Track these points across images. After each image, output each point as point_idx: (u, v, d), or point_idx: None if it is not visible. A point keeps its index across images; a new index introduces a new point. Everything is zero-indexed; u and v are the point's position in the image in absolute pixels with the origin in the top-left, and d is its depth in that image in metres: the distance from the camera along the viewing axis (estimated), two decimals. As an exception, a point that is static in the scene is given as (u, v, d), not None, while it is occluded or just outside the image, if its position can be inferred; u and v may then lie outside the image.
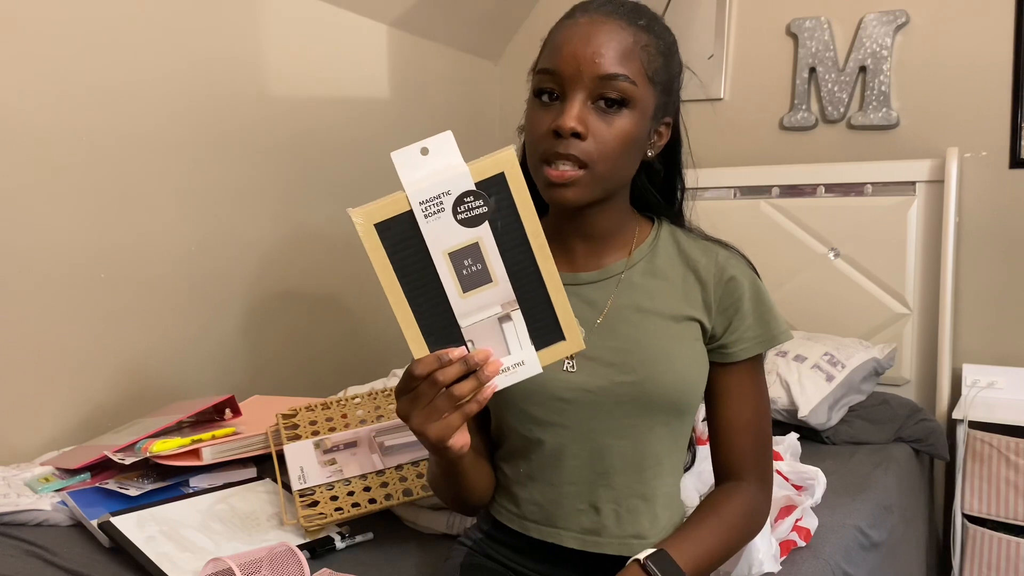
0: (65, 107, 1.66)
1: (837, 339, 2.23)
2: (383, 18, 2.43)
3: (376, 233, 0.74)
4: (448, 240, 0.75)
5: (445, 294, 0.77)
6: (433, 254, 0.75)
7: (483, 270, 0.77)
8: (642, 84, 0.90)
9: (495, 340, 0.79)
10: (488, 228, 0.76)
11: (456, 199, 0.75)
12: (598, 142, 0.89)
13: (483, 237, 0.76)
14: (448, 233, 0.75)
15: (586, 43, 0.89)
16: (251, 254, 2.08)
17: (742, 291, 0.98)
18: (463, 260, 0.76)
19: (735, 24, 2.64)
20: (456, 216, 0.75)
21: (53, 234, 1.65)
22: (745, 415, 0.99)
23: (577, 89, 0.89)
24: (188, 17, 1.88)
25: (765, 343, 0.98)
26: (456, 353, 0.77)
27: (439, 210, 0.74)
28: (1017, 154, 2.26)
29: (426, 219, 0.74)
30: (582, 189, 0.90)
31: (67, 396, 1.70)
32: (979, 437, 2.05)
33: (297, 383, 2.19)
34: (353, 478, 1.40)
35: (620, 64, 0.89)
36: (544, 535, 1.00)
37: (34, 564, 1.22)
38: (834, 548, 1.39)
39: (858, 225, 2.37)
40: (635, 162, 0.96)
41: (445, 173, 0.74)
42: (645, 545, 0.97)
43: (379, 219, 0.74)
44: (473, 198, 0.75)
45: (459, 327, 0.78)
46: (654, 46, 0.92)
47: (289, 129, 2.16)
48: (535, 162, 0.92)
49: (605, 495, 0.97)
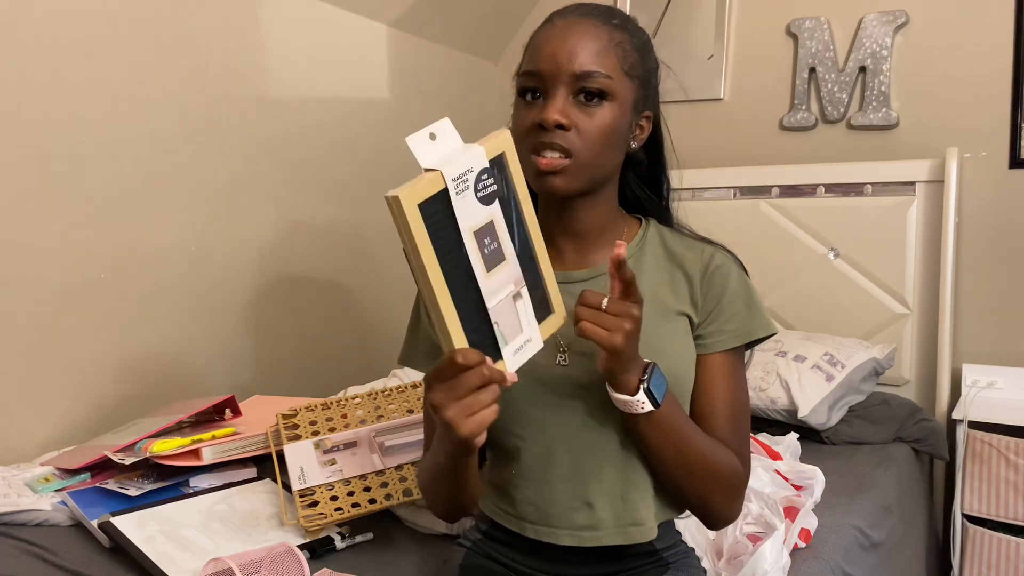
0: (65, 107, 1.65)
1: (837, 339, 2.23)
2: (383, 18, 2.43)
3: (420, 213, 0.71)
4: (473, 218, 0.76)
5: (475, 275, 0.76)
6: (463, 233, 0.75)
7: (499, 248, 0.78)
8: (619, 78, 0.95)
9: (512, 318, 0.80)
10: (499, 206, 0.78)
11: (476, 176, 0.76)
12: (581, 132, 0.93)
13: (495, 215, 0.78)
14: (472, 211, 0.75)
15: (563, 43, 0.94)
16: (251, 254, 2.08)
17: (726, 284, 1.00)
18: (484, 239, 0.77)
19: (735, 24, 2.64)
20: (476, 194, 0.76)
21: (53, 234, 1.65)
22: (724, 399, 0.99)
23: (558, 86, 0.93)
24: (188, 17, 1.88)
25: (746, 335, 1.00)
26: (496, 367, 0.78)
27: (465, 188, 0.75)
28: (1017, 154, 2.26)
29: (457, 196, 0.74)
30: (570, 177, 0.94)
31: (67, 396, 1.70)
32: (979, 437, 2.05)
33: (297, 383, 2.18)
34: (353, 478, 1.40)
35: (596, 61, 0.93)
36: (540, 535, 1.00)
37: (34, 564, 1.22)
38: (834, 548, 1.39)
39: (858, 225, 2.37)
40: (619, 153, 0.99)
41: (463, 153, 0.75)
42: (643, 531, 0.98)
43: (422, 198, 0.72)
44: (487, 175, 0.77)
45: (487, 309, 0.78)
46: (628, 42, 0.97)
47: (289, 129, 2.16)
48: (523, 155, 0.94)
49: (598, 489, 0.98)
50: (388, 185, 0.81)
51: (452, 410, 0.76)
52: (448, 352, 0.76)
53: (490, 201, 0.77)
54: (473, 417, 0.77)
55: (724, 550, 1.24)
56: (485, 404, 0.77)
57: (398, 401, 1.61)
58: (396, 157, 2.50)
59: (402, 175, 0.76)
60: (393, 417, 1.56)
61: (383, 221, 2.44)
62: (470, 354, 0.75)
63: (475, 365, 0.75)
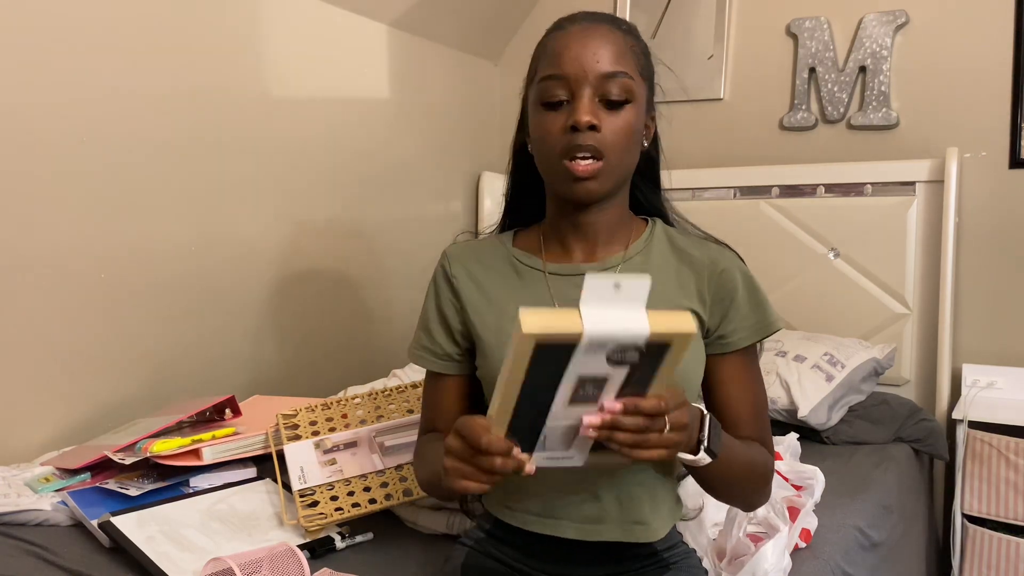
0: (65, 108, 1.65)
1: (837, 339, 2.23)
2: (383, 18, 2.43)
3: (532, 352, 0.70)
4: (587, 368, 0.73)
5: (552, 404, 0.76)
6: (567, 375, 0.73)
7: (595, 395, 0.76)
8: (637, 79, 0.98)
9: (563, 438, 0.80)
10: (626, 371, 0.74)
11: (618, 346, 0.72)
12: (609, 133, 0.95)
13: (615, 376, 0.75)
14: (592, 365, 0.73)
15: (584, 46, 0.96)
16: (251, 254, 2.08)
17: (735, 282, 1.01)
18: (587, 384, 0.75)
19: (735, 24, 2.64)
20: (608, 355, 0.73)
21: (53, 234, 1.65)
22: (747, 399, 1.03)
23: (584, 88, 0.95)
24: (188, 17, 1.88)
25: (760, 331, 1.02)
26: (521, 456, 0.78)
27: (600, 348, 0.72)
28: (1017, 154, 2.26)
29: (583, 354, 0.71)
30: (602, 180, 0.97)
31: (67, 396, 1.70)
32: (979, 437, 2.05)
33: (297, 383, 2.18)
34: (353, 478, 1.40)
35: (618, 62, 0.96)
36: (545, 527, 1.01)
37: (34, 564, 1.22)
38: (834, 548, 1.39)
39: (858, 225, 2.37)
40: (637, 153, 1.02)
41: (626, 324, 0.71)
42: (646, 531, 1.00)
43: (545, 341, 0.69)
44: (634, 352, 0.73)
45: (544, 425, 0.78)
46: (638, 47, 1.01)
47: (289, 128, 2.16)
48: (553, 160, 0.97)
49: (606, 484, 0.99)
50: (388, 185, 0.81)
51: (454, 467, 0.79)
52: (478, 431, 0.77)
53: (619, 365, 0.74)
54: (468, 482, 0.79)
55: (727, 551, 1.24)
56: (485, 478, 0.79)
57: (398, 401, 1.61)
58: (396, 157, 2.50)
59: (402, 174, 0.76)
60: (393, 417, 1.56)
61: (383, 221, 2.46)
62: (495, 444, 0.76)
63: (496, 454, 0.76)
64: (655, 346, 0.73)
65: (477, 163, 2.81)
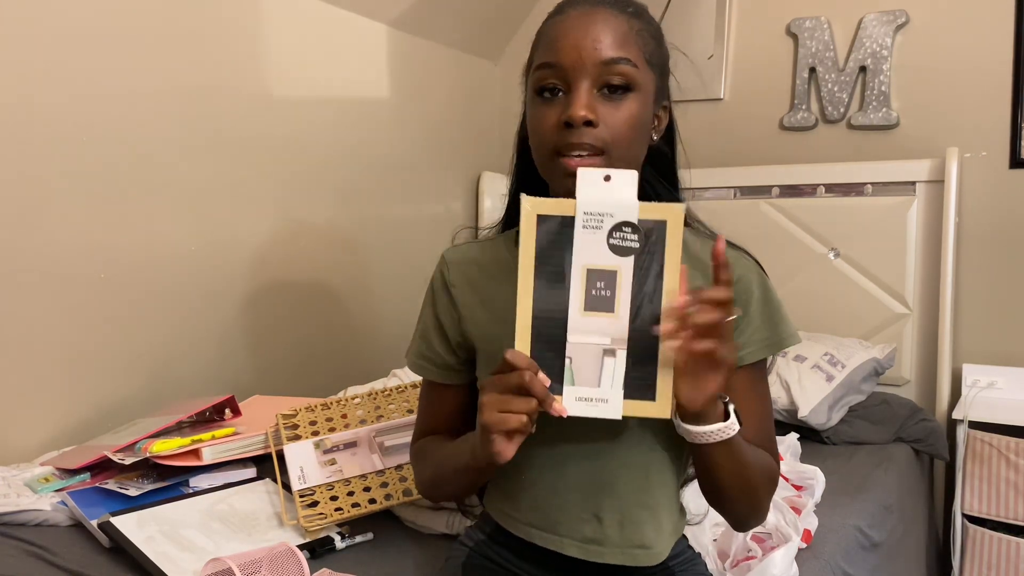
0: (65, 107, 1.65)
1: (837, 339, 2.23)
2: (383, 18, 2.43)
3: (536, 222, 0.78)
4: (593, 257, 0.79)
5: (567, 304, 0.79)
6: (575, 263, 0.79)
7: (610, 298, 0.79)
8: (642, 67, 0.91)
9: (591, 367, 0.80)
10: (632, 263, 0.79)
11: (616, 224, 0.78)
12: (610, 127, 0.88)
13: (623, 269, 0.79)
14: (596, 250, 0.79)
15: (584, 32, 0.89)
16: (251, 254, 2.08)
17: (750, 292, 0.96)
18: (597, 281, 0.79)
19: (735, 24, 2.64)
20: (609, 239, 0.79)
21: (53, 234, 1.65)
22: (753, 416, 0.96)
23: (581, 78, 0.88)
24: (188, 16, 1.88)
25: (772, 347, 0.96)
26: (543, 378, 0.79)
27: (597, 226, 0.78)
28: (1017, 154, 2.26)
29: (583, 228, 0.78)
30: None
31: (67, 396, 1.70)
32: (979, 437, 2.05)
33: (297, 383, 2.18)
34: (353, 478, 1.40)
35: (620, 48, 0.89)
36: (546, 542, 0.98)
37: (34, 564, 1.22)
38: (834, 548, 1.39)
39: (858, 225, 2.37)
40: (644, 146, 0.95)
41: (616, 199, 0.78)
42: (649, 555, 0.96)
43: (543, 211, 0.79)
44: (631, 230, 0.79)
45: (566, 340, 0.79)
46: (646, 31, 0.93)
47: (289, 129, 2.16)
48: (546, 156, 0.91)
49: (608, 504, 0.95)
50: (388, 184, 0.81)
51: (488, 411, 0.78)
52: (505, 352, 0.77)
53: (623, 253, 0.79)
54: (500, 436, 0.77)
55: (730, 553, 1.24)
56: (516, 409, 0.76)
57: (398, 401, 1.61)
58: (396, 157, 2.50)
59: (402, 174, 0.76)
60: (393, 417, 1.56)
61: (383, 220, 2.46)
62: (519, 357, 0.76)
63: (521, 367, 0.75)
64: (651, 229, 0.79)
65: (477, 163, 2.81)
